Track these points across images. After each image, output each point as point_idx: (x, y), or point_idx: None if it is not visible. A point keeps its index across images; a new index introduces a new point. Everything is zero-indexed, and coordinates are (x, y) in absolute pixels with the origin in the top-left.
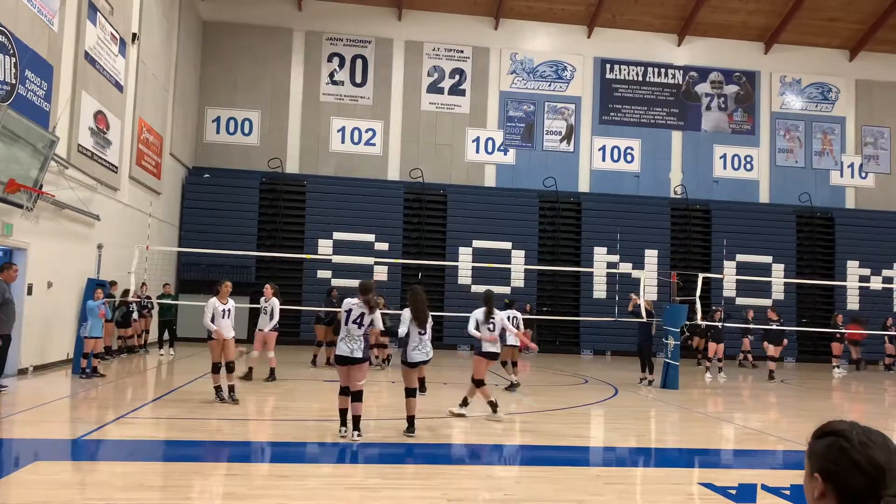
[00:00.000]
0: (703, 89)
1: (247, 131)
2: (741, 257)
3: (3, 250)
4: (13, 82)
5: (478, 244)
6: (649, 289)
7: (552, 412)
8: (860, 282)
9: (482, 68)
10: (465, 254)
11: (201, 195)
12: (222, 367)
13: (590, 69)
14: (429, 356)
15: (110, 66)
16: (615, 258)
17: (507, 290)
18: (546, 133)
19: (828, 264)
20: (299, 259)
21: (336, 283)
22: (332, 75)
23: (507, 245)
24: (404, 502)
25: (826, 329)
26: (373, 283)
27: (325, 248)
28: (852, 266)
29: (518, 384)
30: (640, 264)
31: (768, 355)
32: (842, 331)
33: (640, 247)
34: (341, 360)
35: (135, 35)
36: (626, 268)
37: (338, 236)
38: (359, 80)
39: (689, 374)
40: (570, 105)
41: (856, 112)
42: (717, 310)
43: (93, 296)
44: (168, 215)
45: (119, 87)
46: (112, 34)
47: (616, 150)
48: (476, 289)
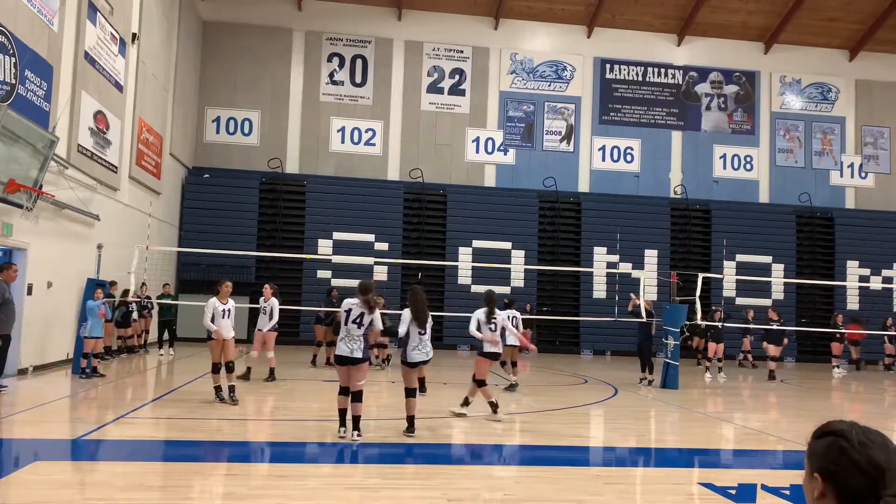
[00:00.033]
0: (702, 89)
1: (247, 131)
2: (741, 257)
3: (3, 250)
4: (13, 82)
5: (478, 244)
6: (649, 289)
7: (552, 412)
8: (860, 282)
9: (482, 68)
10: (465, 254)
11: (201, 195)
12: (222, 368)
13: (589, 69)
14: (429, 356)
15: (110, 66)
16: (615, 258)
17: (506, 290)
18: (546, 133)
19: (828, 264)
20: (299, 259)
21: (336, 283)
22: (331, 75)
23: (507, 245)
24: (404, 502)
25: (826, 329)
26: (372, 283)
27: (324, 248)
28: (852, 266)
29: (517, 384)
30: (639, 264)
31: (769, 355)
32: (841, 331)
33: (640, 247)
34: (341, 360)
35: (135, 35)
36: (625, 268)
37: (338, 236)
38: (359, 80)
39: (689, 374)
40: (570, 105)
41: (855, 112)
42: (717, 310)
43: (93, 296)
44: (168, 215)
45: (119, 87)
46: (112, 34)
47: (616, 150)
48: (476, 289)
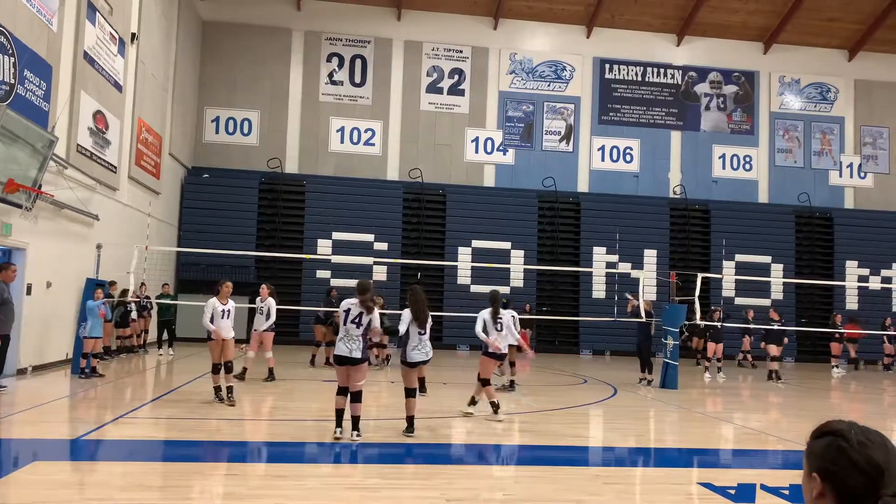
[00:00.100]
0: (702, 89)
1: (246, 131)
2: (740, 257)
3: (2, 250)
4: (12, 82)
5: (477, 244)
6: (648, 289)
7: (551, 412)
8: (859, 282)
9: (481, 68)
10: (465, 254)
11: (200, 195)
12: (221, 368)
13: (589, 69)
14: (428, 356)
15: (109, 66)
16: (614, 258)
17: (506, 290)
18: (545, 133)
19: (827, 264)
20: (299, 259)
21: (335, 283)
22: (331, 75)
23: (507, 245)
24: (404, 502)
25: (825, 329)
26: (371, 283)
27: (324, 248)
28: (851, 266)
29: (513, 383)
30: (639, 264)
31: (770, 356)
32: (841, 331)
33: (640, 247)
34: (340, 360)
35: (134, 35)
36: (625, 268)
37: (337, 236)
38: (358, 80)
39: (689, 374)
40: (570, 105)
41: (855, 112)
42: (716, 310)
43: (92, 296)
44: (167, 215)
45: (118, 86)
46: (111, 34)
47: (615, 150)
48: (475, 289)
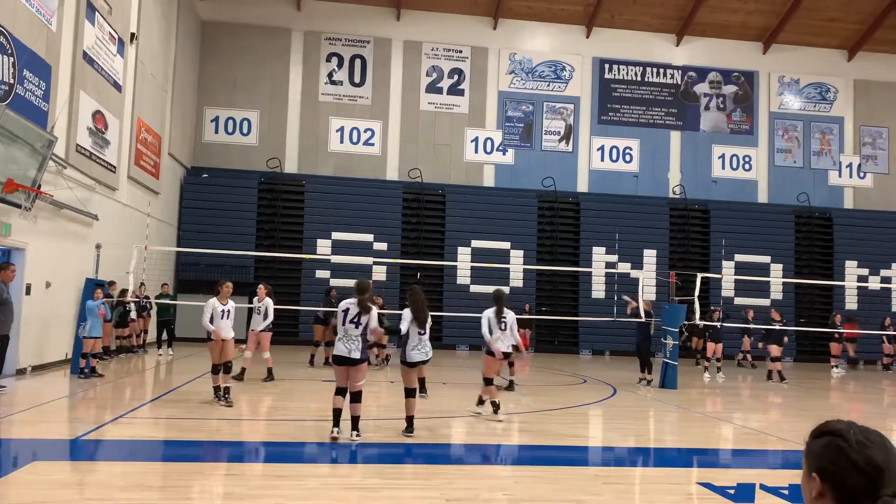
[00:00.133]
0: (701, 89)
1: (245, 131)
2: (740, 257)
3: (2, 250)
4: (11, 82)
5: (476, 244)
6: (648, 289)
7: (551, 412)
8: (858, 282)
9: (481, 68)
10: (464, 254)
11: (200, 195)
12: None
13: (588, 69)
14: (428, 356)
15: (109, 66)
16: (614, 258)
17: (505, 290)
18: (545, 133)
19: (826, 264)
20: (298, 259)
21: (335, 283)
22: (330, 75)
23: (506, 245)
24: (403, 502)
25: (824, 329)
26: (369, 283)
27: (323, 248)
28: (850, 266)
29: (514, 384)
30: (638, 264)
31: (772, 356)
32: (840, 331)
33: (639, 247)
34: (339, 361)
35: (133, 35)
36: (624, 268)
37: (336, 236)
38: (357, 79)
39: (688, 374)
40: (569, 105)
41: (854, 112)
42: (716, 310)
43: (92, 296)
44: (166, 215)
45: (117, 86)
46: (110, 34)
47: (615, 150)
48: (475, 289)
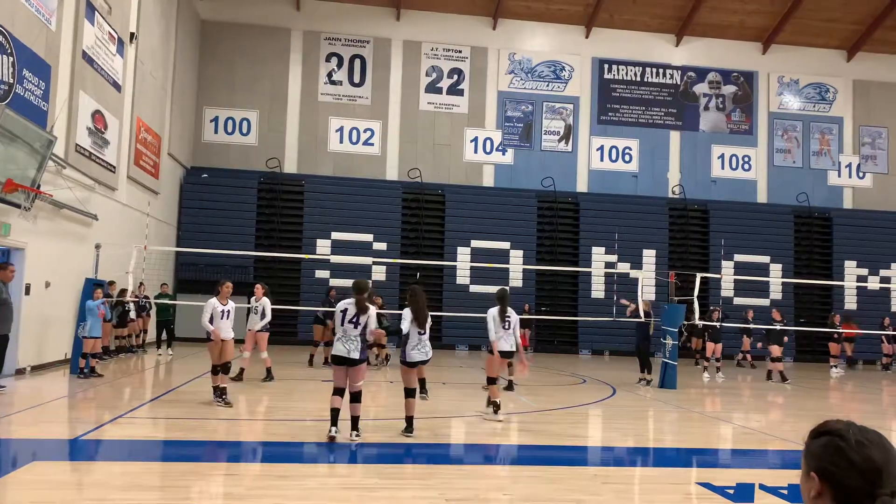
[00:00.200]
0: (701, 89)
1: (245, 131)
2: (739, 257)
3: (1, 250)
4: (11, 82)
5: (476, 244)
6: (647, 289)
7: (550, 412)
8: (858, 282)
9: (480, 68)
10: (464, 254)
11: (199, 195)
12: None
13: (588, 69)
14: (428, 356)
15: (108, 66)
16: (613, 258)
17: (505, 290)
18: (544, 133)
19: (825, 264)
20: (297, 259)
21: (334, 283)
22: (330, 75)
23: (506, 245)
24: (403, 502)
25: (824, 329)
26: (367, 283)
27: (323, 247)
28: (850, 266)
29: (513, 385)
30: (638, 264)
31: (773, 356)
32: (839, 331)
33: (639, 247)
34: (338, 361)
35: (133, 34)
36: (624, 268)
37: (336, 236)
38: (357, 79)
39: (688, 374)
40: (569, 105)
41: (853, 112)
42: (715, 310)
43: (91, 295)
44: (166, 215)
45: (117, 86)
46: (110, 34)
47: (614, 150)
48: (475, 289)
